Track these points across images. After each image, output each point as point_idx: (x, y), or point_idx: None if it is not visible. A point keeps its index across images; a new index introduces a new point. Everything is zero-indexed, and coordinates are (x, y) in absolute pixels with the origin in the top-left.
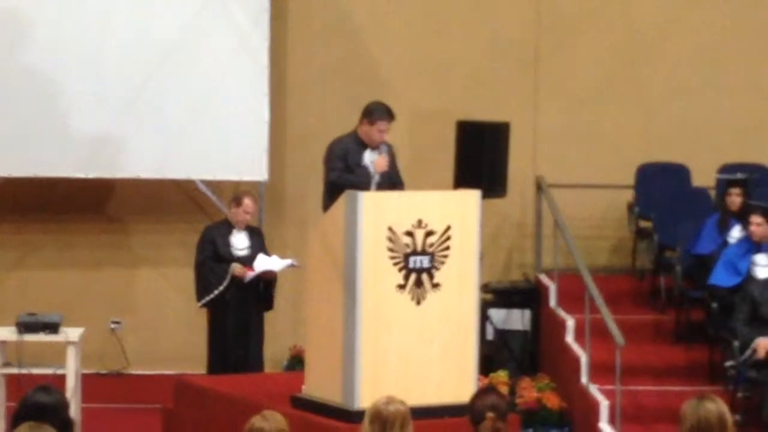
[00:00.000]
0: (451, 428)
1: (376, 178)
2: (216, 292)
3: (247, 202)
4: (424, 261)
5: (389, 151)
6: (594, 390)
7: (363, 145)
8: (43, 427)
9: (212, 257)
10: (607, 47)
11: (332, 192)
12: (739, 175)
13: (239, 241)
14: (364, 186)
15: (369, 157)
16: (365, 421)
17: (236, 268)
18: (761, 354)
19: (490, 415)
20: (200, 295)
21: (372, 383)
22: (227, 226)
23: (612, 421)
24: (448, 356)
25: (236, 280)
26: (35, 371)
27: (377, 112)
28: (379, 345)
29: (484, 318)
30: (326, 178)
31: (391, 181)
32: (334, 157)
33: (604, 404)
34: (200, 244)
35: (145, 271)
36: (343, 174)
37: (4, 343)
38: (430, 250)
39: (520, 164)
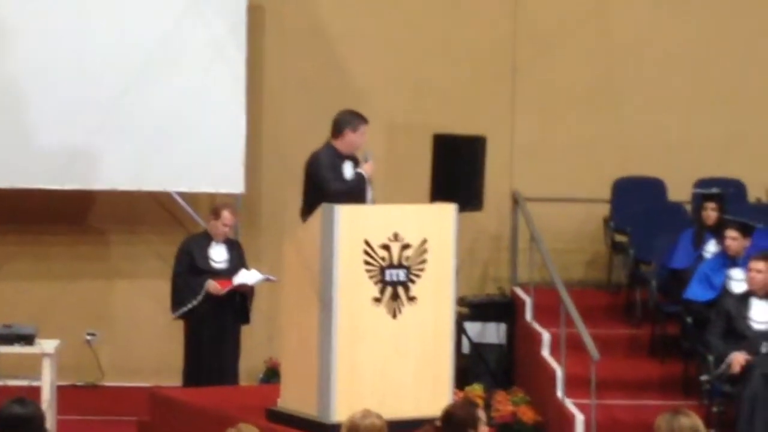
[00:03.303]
0: None
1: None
2: (189, 306)
3: (226, 214)
4: (401, 274)
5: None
6: (569, 404)
7: (341, 157)
8: None
9: (189, 269)
10: (584, 61)
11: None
12: (715, 190)
13: (218, 254)
14: (363, 193)
15: (349, 169)
16: None
17: (211, 285)
18: (736, 368)
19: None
20: (175, 306)
21: (348, 396)
22: (206, 238)
23: None
24: (424, 369)
25: (210, 295)
26: (10, 383)
27: (357, 119)
28: (354, 358)
29: (459, 331)
30: (323, 189)
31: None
32: (326, 167)
33: (579, 418)
34: (178, 256)
35: (121, 282)
36: (342, 182)
37: None
38: (407, 263)
39: (497, 178)
